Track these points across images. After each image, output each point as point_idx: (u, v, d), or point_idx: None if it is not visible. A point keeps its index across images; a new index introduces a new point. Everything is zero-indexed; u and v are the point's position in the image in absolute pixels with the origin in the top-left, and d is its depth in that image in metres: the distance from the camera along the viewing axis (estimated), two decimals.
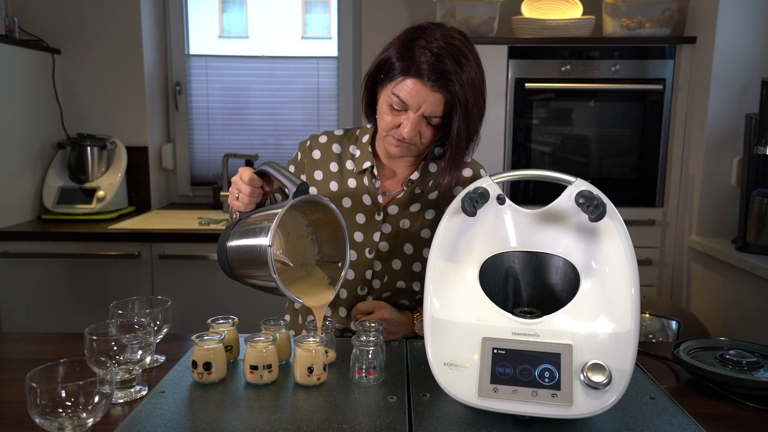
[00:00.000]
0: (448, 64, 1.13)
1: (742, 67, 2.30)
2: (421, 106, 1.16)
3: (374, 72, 1.24)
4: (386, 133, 1.22)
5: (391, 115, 1.19)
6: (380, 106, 1.23)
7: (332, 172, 1.35)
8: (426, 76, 1.13)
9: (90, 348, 0.98)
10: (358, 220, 1.32)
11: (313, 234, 1.21)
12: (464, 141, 1.20)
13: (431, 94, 1.15)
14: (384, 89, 1.21)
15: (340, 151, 1.37)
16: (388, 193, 1.34)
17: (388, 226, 1.32)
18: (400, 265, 1.32)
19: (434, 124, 1.19)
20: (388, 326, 1.26)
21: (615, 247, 0.95)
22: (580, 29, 2.47)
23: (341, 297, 1.35)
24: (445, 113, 1.18)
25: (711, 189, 2.38)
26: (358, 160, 1.34)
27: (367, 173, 1.33)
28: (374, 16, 2.79)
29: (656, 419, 0.95)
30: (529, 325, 0.95)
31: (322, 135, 1.40)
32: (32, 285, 2.40)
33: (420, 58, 1.14)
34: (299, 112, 3.10)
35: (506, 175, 1.07)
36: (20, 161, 2.56)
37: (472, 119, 1.18)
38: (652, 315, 2.10)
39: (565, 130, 2.54)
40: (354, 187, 1.33)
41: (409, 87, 1.15)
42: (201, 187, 3.13)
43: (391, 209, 1.32)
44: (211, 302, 2.42)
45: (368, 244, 1.32)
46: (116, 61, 2.80)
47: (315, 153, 1.38)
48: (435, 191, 1.33)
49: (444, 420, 0.94)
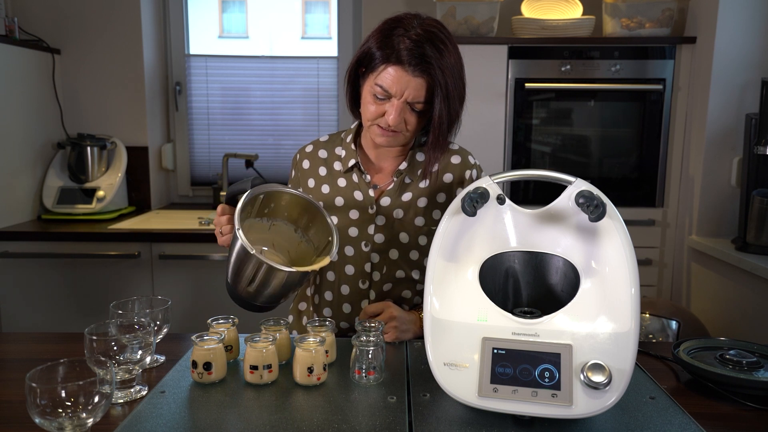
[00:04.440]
0: (427, 50, 1.16)
1: (742, 67, 2.30)
2: (404, 92, 1.18)
3: (355, 66, 1.27)
4: (371, 123, 1.25)
5: (375, 104, 1.22)
6: (364, 97, 1.25)
7: (322, 176, 1.38)
8: (407, 62, 1.16)
9: (90, 348, 0.98)
10: (352, 216, 1.34)
11: (303, 234, 1.23)
12: (446, 123, 1.23)
13: (413, 79, 1.17)
14: (366, 81, 1.23)
15: (326, 155, 1.40)
16: (379, 186, 1.36)
17: (382, 218, 1.34)
18: (397, 255, 1.34)
19: (418, 110, 1.22)
20: (398, 324, 1.26)
21: (615, 247, 0.95)
22: (580, 29, 2.47)
23: (343, 293, 1.36)
24: (427, 98, 1.20)
25: (711, 189, 2.38)
26: (344, 159, 1.37)
27: (354, 170, 1.35)
28: (374, 16, 2.79)
29: (656, 419, 0.95)
30: (529, 325, 0.95)
31: (308, 145, 1.44)
32: (32, 285, 2.40)
33: (399, 45, 1.16)
34: (299, 112, 3.10)
35: (506, 175, 1.07)
36: (20, 161, 2.56)
37: (453, 102, 1.21)
38: (652, 315, 2.10)
39: (565, 130, 2.54)
40: (344, 186, 1.36)
41: (391, 74, 1.17)
42: (201, 187, 3.13)
43: (384, 201, 1.34)
44: (211, 302, 2.42)
45: (364, 237, 1.33)
46: (116, 61, 2.80)
47: (304, 163, 1.41)
48: (425, 180, 1.35)
49: (444, 420, 0.94)
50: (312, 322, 1.17)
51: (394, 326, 1.26)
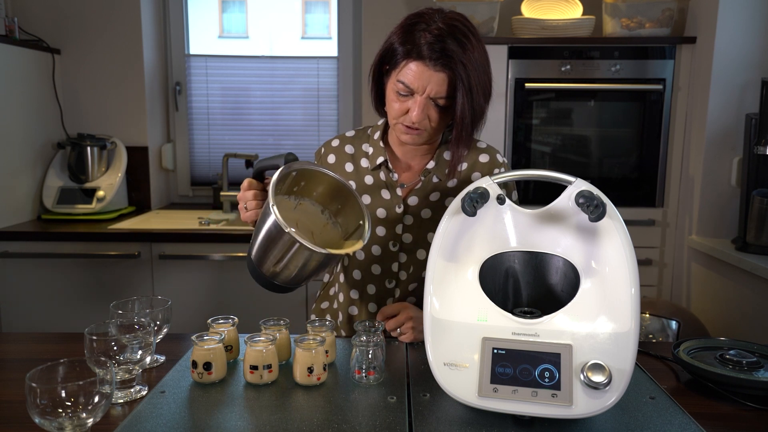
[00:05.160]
0: (448, 43, 1.14)
1: (742, 67, 2.30)
2: (426, 88, 1.16)
3: (379, 63, 1.25)
4: (396, 121, 1.23)
5: (399, 101, 1.20)
6: (388, 95, 1.24)
7: (348, 173, 1.36)
8: (428, 57, 1.14)
9: (90, 348, 0.98)
10: (379, 215, 1.32)
11: (331, 216, 1.19)
12: (469, 119, 1.20)
13: (434, 74, 1.15)
14: (390, 78, 1.22)
15: (353, 150, 1.38)
16: (406, 185, 1.35)
17: (410, 218, 1.32)
18: (425, 255, 1.32)
19: (441, 105, 1.19)
20: (416, 325, 1.26)
21: (615, 247, 0.95)
22: (580, 29, 2.47)
23: (369, 293, 1.35)
24: (450, 93, 1.18)
25: (711, 189, 2.38)
26: (371, 156, 1.35)
27: (382, 168, 1.34)
28: (374, 16, 2.79)
29: (656, 419, 0.95)
30: (529, 325, 0.95)
31: (334, 139, 1.41)
32: (32, 285, 2.40)
33: (420, 40, 1.15)
34: (299, 112, 3.10)
35: (506, 175, 1.07)
36: (20, 161, 2.56)
37: (477, 97, 1.18)
38: (652, 315, 2.10)
39: (565, 130, 2.54)
40: (371, 183, 1.34)
41: (412, 70, 1.16)
42: (201, 187, 3.13)
43: (411, 200, 1.33)
44: (211, 302, 2.42)
45: (391, 237, 1.32)
46: (116, 61, 2.80)
47: (329, 158, 1.39)
48: (453, 179, 1.33)
49: (444, 420, 0.94)
50: (312, 322, 1.17)
51: (412, 327, 1.25)
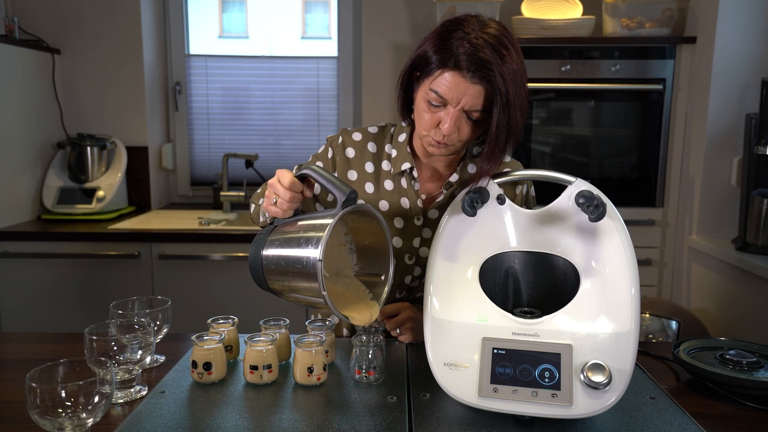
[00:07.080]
0: (487, 54, 1.06)
1: (742, 67, 2.30)
2: (461, 100, 1.09)
3: (410, 69, 1.17)
4: (426, 134, 1.17)
5: (430, 112, 1.13)
6: (417, 104, 1.16)
7: (368, 173, 1.29)
8: (465, 68, 1.06)
9: (90, 348, 0.98)
10: (396, 225, 1.27)
11: (352, 243, 1.13)
12: (504, 135, 1.12)
13: (471, 86, 1.07)
14: (421, 86, 1.14)
15: (376, 150, 1.30)
16: (427, 196, 1.29)
17: (429, 231, 1.27)
18: None
19: (474, 119, 1.12)
20: (415, 326, 1.24)
21: (615, 247, 0.95)
22: (580, 29, 2.47)
23: None
24: (485, 107, 1.10)
25: (711, 189, 2.38)
26: (395, 160, 1.28)
27: (405, 175, 1.27)
28: (374, 16, 2.79)
29: (656, 419, 0.95)
30: (529, 325, 0.95)
31: (355, 132, 1.33)
32: (32, 285, 2.40)
33: (458, 50, 1.07)
34: (299, 112, 3.10)
35: (506, 175, 1.08)
36: (20, 161, 2.56)
37: (514, 112, 1.10)
38: (652, 315, 2.10)
39: (565, 130, 2.54)
40: (391, 189, 1.27)
41: (447, 80, 1.08)
42: (201, 187, 3.12)
43: (432, 213, 1.27)
44: (211, 302, 2.42)
45: (408, 250, 1.27)
46: (116, 61, 2.80)
47: (348, 151, 1.30)
48: None
49: (444, 420, 0.94)
50: (312, 322, 1.17)
51: (411, 327, 1.24)
